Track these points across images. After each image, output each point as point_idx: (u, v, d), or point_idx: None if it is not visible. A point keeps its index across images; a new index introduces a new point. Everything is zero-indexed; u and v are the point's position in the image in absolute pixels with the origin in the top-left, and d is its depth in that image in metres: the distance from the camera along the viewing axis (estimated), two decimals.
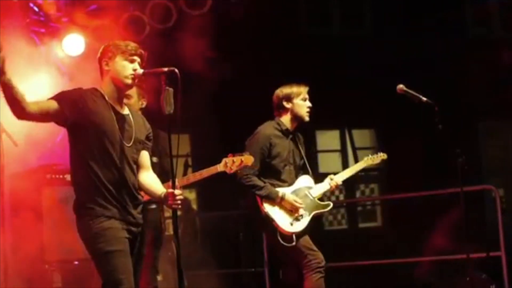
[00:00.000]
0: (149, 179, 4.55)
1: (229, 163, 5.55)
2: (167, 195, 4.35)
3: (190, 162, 10.15)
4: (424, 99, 5.71)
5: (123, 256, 4.25)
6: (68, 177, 7.12)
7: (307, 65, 10.06)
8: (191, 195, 10.26)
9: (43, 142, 7.72)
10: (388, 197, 11.24)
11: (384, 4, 11.48)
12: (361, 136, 12.55)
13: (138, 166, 4.51)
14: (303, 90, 6.00)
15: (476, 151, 12.11)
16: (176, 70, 4.25)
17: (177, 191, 4.32)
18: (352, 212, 12.52)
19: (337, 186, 6.05)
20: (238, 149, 5.81)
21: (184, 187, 5.65)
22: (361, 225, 12.48)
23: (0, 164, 6.22)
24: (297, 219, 5.81)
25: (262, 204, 5.79)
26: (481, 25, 12.48)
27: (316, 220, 5.99)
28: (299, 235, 5.79)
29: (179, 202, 4.32)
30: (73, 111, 4.30)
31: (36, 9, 7.95)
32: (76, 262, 6.96)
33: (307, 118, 6.00)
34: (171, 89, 4.24)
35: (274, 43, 10.25)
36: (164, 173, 5.29)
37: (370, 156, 6.32)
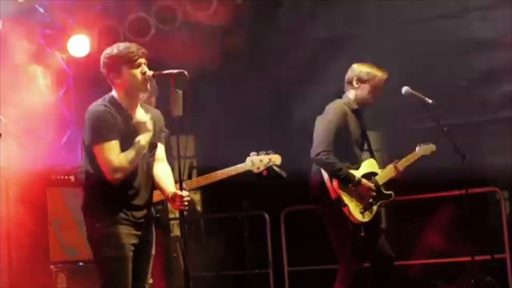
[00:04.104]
0: (161, 172, 4.52)
1: (256, 162, 5.43)
2: (174, 197, 4.34)
3: (195, 164, 10.14)
4: (430, 101, 5.71)
5: (125, 263, 4.28)
6: (73, 178, 7.13)
7: (310, 66, 10.04)
8: (196, 196, 10.26)
9: (48, 143, 7.74)
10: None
11: (386, 4, 11.45)
12: None
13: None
14: (380, 77, 5.65)
15: (480, 152, 12.07)
16: (185, 72, 4.26)
17: (184, 193, 4.32)
18: None
19: (402, 173, 5.69)
20: (243, 150, 5.77)
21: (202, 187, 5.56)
22: None
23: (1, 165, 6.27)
24: (366, 208, 5.50)
25: (335, 186, 5.43)
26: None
27: (320, 222, 5.90)
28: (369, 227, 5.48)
29: (186, 203, 4.32)
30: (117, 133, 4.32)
31: (41, 10, 7.97)
32: (81, 263, 6.96)
33: (372, 107, 5.70)
34: (180, 91, 4.25)
35: (279, 43, 10.23)
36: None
37: (421, 146, 5.88)
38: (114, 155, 4.24)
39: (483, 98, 9.01)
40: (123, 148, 4.29)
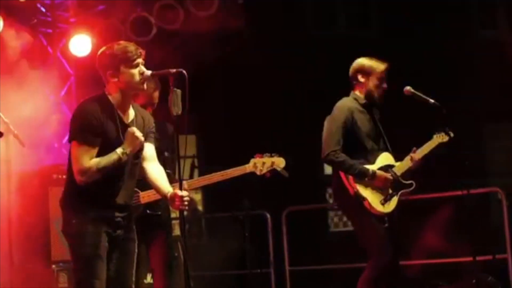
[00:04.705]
0: (154, 172, 4.50)
1: (259, 165, 5.36)
2: (173, 196, 4.33)
3: (196, 163, 10.15)
4: (432, 101, 5.70)
5: (99, 261, 4.28)
6: None
7: (313, 66, 10.07)
8: (197, 196, 10.27)
9: (50, 143, 7.75)
10: None
11: (391, 5, 11.47)
12: None
13: (143, 159, 4.48)
14: (382, 68, 5.61)
15: (481, 153, 12.09)
16: (184, 72, 4.25)
17: (184, 193, 4.31)
18: None
19: (418, 162, 5.64)
20: (246, 149, 5.75)
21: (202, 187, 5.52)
22: None
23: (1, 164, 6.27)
24: (386, 199, 5.54)
25: (350, 183, 5.45)
26: (488, 26, 12.47)
27: (321, 221, 5.93)
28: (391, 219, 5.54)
29: (186, 203, 4.31)
30: (99, 136, 4.32)
31: (43, 9, 7.99)
32: None
33: (380, 101, 5.65)
34: (179, 91, 4.24)
35: (281, 44, 10.25)
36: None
37: (438, 134, 5.74)
38: (87, 158, 4.23)
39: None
40: (103, 148, 4.28)
